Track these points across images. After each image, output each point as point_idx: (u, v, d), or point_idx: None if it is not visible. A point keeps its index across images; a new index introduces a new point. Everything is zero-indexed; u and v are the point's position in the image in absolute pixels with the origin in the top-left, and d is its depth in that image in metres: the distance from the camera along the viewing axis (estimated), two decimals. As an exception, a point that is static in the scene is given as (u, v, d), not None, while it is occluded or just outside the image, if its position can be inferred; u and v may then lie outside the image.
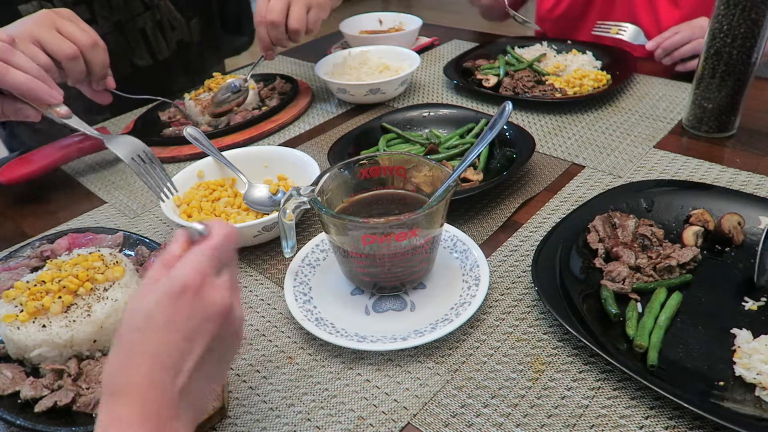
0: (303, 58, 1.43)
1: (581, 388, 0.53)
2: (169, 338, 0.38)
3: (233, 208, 0.78)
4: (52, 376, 0.54)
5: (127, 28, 1.14)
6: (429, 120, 0.98)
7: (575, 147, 0.92)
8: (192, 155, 0.98)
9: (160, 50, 1.21)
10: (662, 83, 1.10)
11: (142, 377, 0.37)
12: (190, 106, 1.09)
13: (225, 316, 0.41)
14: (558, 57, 1.21)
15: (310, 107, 1.16)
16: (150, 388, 0.37)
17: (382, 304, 0.63)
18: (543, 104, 1.05)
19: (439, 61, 1.33)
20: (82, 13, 1.05)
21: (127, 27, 1.14)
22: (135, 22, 1.15)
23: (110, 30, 1.11)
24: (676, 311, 0.59)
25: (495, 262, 0.70)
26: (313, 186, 0.59)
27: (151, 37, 1.19)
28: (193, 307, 0.39)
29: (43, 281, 0.58)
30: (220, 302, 0.40)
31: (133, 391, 0.37)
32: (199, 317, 0.39)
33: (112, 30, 1.12)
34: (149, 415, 0.37)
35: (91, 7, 1.07)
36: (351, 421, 0.52)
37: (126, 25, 1.14)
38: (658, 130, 0.95)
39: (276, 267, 0.72)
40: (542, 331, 0.60)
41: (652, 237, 0.67)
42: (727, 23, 0.82)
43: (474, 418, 0.52)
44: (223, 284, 0.41)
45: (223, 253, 0.42)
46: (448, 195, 0.57)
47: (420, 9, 4.26)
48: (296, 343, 0.61)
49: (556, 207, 0.78)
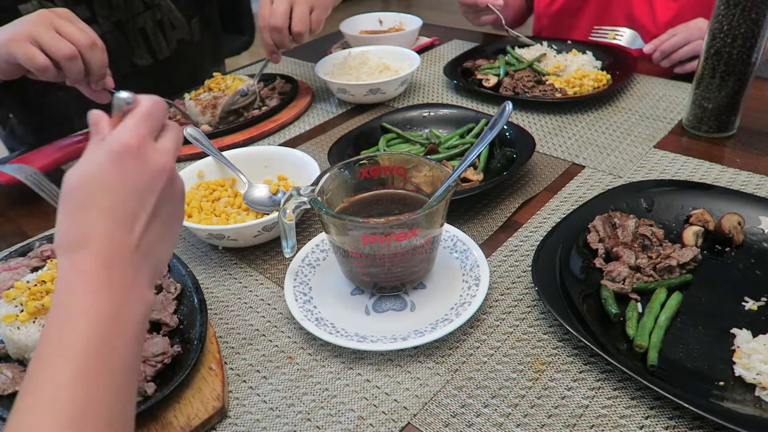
0: (303, 58, 1.43)
1: (581, 388, 0.53)
2: (119, 197, 0.40)
3: (233, 208, 0.78)
4: (52, 376, 0.54)
5: (128, 28, 1.14)
6: (429, 120, 0.98)
7: (575, 147, 0.92)
8: (192, 155, 0.98)
9: (160, 50, 1.21)
10: (662, 83, 1.10)
11: (98, 231, 0.39)
12: (190, 106, 1.09)
13: (168, 178, 0.43)
14: (558, 57, 1.21)
15: (310, 107, 1.16)
16: (107, 241, 0.39)
17: (382, 304, 0.63)
18: (543, 104, 1.05)
19: (439, 61, 1.33)
20: (81, 13, 1.05)
21: (128, 26, 1.14)
22: (135, 21, 1.15)
23: (110, 29, 1.11)
24: (676, 311, 0.59)
25: (495, 262, 0.70)
26: (313, 186, 0.59)
27: (151, 36, 1.19)
28: (138, 167, 0.41)
29: (43, 281, 0.58)
30: (162, 163, 0.43)
31: (91, 244, 0.39)
32: (145, 176, 0.42)
33: (112, 29, 1.12)
34: (109, 264, 0.39)
35: (91, 6, 1.07)
36: (351, 421, 0.52)
37: (126, 24, 1.14)
38: (658, 130, 0.95)
39: (276, 267, 0.72)
40: (542, 331, 0.60)
41: (652, 237, 0.67)
42: (727, 23, 0.82)
43: (474, 418, 0.52)
44: (162, 148, 0.44)
45: (155, 118, 0.44)
46: (448, 195, 0.57)
47: (420, 9, 4.26)
48: (296, 343, 0.61)
49: (556, 207, 0.78)
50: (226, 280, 0.71)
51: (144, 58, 1.20)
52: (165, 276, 0.67)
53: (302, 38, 1.01)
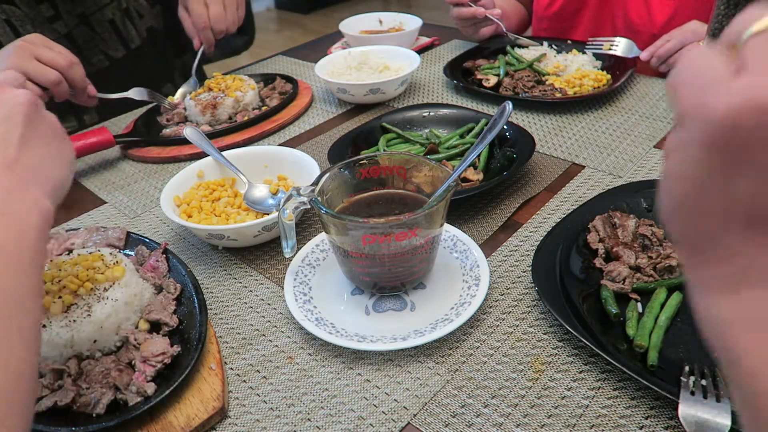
0: (303, 58, 1.43)
1: (581, 388, 0.53)
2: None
3: (233, 208, 0.78)
4: (52, 376, 0.54)
5: (94, 20, 1.17)
6: (429, 120, 0.98)
7: (575, 147, 0.92)
8: (192, 155, 0.98)
9: (131, 39, 1.24)
10: (662, 83, 1.10)
11: None
12: (190, 106, 1.09)
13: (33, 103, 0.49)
14: (558, 57, 1.21)
15: (310, 107, 1.16)
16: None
17: (382, 304, 0.63)
18: (543, 104, 1.05)
19: (439, 61, 1.33)
20: (45, 11, 1.09)
21: (94, 19, 1.17)
22: (103, 13, 1.18)
23: (75, 24, 1.14)
24: (676, 311, 0.59)
25: (495, 262, 0.70)
26: (313, 186, 0.59)
27: (120, 27, 1.22)
28: None
29: (43, 281, 0.58)
30: (22, 96, 0.49)
31: None
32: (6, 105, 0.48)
33: (77, 23, 1.15)
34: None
35: (53, 3, 1.10)
36: (351, 421, 0.52)
37: (91, 17, 1.17)
38: (658, 130, 0.95)
39: (276, 267, 0.72)
40: (542, 331, 0.60)
41: (652, 237, 0.67)
42: (727, 23, 0.81)
43: (474, 418, 0.52)
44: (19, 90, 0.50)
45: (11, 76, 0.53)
46: (448, 195, 0.57)
47: (420, 9, 4.26)
48: (296, 343, 0.61)
49: (556, 207, 0.78)
50: (226, 280, 0.71)
51: (117, 49, 1.22)
52: (165, 276, 0.67)
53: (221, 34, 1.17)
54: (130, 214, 0.86)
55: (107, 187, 0.94)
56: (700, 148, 0.27)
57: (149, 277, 0.66)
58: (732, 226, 0.28)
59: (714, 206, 0.28)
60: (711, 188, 0.28)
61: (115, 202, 0.90)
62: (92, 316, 0.56)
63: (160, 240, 0.76)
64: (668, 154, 0.30)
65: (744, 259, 0.28)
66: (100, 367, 0.55)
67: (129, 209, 0.87)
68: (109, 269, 0.60)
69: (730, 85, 0.26)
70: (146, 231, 0.81)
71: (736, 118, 0.25)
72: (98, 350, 0.57)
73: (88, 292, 0.57)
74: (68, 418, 0.52)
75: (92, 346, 0.56)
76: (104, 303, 0.57)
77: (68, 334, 0.55)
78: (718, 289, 0.30)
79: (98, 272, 0.59)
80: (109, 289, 0.59)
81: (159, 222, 0.83)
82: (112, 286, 0.59)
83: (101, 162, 1.02)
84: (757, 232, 0.28)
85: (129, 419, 0.51)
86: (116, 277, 0.60)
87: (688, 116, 0.28)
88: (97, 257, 0.62)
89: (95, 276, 0.59)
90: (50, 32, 1.10)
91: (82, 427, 0.50)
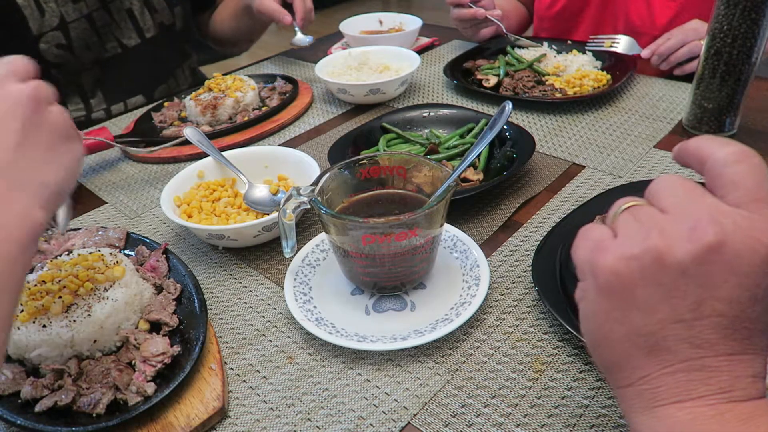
0: (303, 58, 1.43)
1: (581, 388, 0.53)
2: None
3: (233, 208, 0.78)
4: (52, 376, 0.54)
5: (113, 7, 1.19)
6: (429, 120, 0.98)
7: (575, 147, 0.92)
8: (192, 155, 0.98)
9: (147, 28, 1.25)
10: (662, 83, 1.10)
11: None
12: (190, 107, 1.09)
13: (34, 101, 0.45)
14: (558, 57, 1.21)
15: (310, 107, 1.16)
16: None
17: (382, 304, 0.63)
18: (543, 104, 1.05)
19: (439, 61, 1.33)
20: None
21: (113, 6, 1.19)
22: (122, 1, 1.20)
23: (96, 7, 1.16)
24: (677, 311, 0.59)
25: (495, 262, 0.70)
26: (313, 186, 0.59)
27: (138, 16, 1.23)
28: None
29: (43, 281, 0.58)
30: (25, 90, 0.45)
31: None
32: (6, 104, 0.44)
33: (98, 7, 1.16)
34: None
35: None
36: (351, 421, 0.52)
37: (111, 4, 1.18)
38: (659, 130, 0.95)
39: (276, 267, 0.72)
40: (542, 331, 0.60)
41: (652, 237, 0.67)
42: (727, 23, 0.82)
43: (474, 418, 0.52)
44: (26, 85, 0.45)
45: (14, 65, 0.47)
46: (448, 195, 0.57)
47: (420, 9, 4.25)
48: (296, 343, 0.61)
49: (557, 207, 0.78)
50: (226, 280, 0.71)
51: (132, 38, 1.23)
52: (165, 276, 0.67)
53: None
54: (130, 214, 0.86)
55: (107, 187, 0.94)
56: (597, 293, 0.36)
57: (149, 277, 0.66)
58: (635, 352, 0.35)
59: (618, 337, 0.36)
60: (612, 323, 0.36)
61: (115, 202, 0.90)
62: (92, 316, 0.56)
63: (160, 240, 0.77)
64: (578, 300, 0.39)
65: (653, 381, 0.35)
66: (100, 367, 0.55)
67: (129, 209, 0.87)
68: (109, 269, 0.60)
69: (609, 245, 0.35)
70: (146, 231, 0.81)
71: (615, 266, 0.34)
72: (98, 350, 0.57)
73: (88, 292, 0.57)
74: (68, 418, 0.51)
75: (92, 346, 0.56)
76: (104, 303, 0.57)
77: (68, 334, 0.55)
78: (640, 408, 0.35)
79: (98, 272, 0.59)
80: (109, 289, 0.59)
81: (159, 222, 0.83)
82: (112, 286, 0.59)
83: (101, 162, 1.02)
84: (658, 354, 0.34)
85: (129, 419, 0.51)
86: (116, 277, 0.60)
87: (585, 271, 0.37)
88: (97, 257, 0.62)
89: (95, 276, 0.59)
90: (73, 11, 1.12)
91: (82, 427, 0.50)
